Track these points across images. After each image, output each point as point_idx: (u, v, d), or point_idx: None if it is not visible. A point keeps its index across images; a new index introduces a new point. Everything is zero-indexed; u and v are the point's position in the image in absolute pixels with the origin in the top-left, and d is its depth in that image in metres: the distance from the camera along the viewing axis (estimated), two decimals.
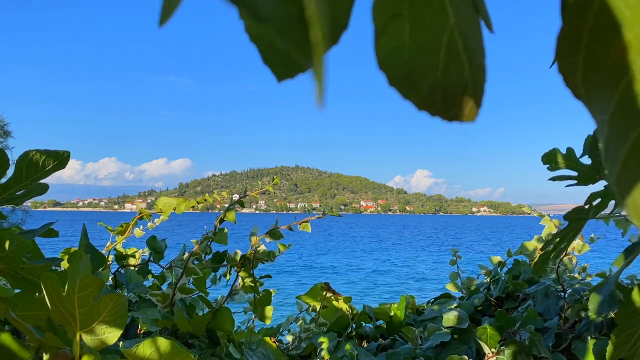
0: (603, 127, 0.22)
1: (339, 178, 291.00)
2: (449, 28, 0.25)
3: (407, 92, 0.26)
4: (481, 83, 0.27)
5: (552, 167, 0.91)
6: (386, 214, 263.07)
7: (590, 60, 0.22)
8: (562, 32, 0.23)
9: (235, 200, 1.26)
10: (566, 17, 0.23)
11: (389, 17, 0.25)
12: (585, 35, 0.22)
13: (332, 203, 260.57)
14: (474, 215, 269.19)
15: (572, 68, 0.23)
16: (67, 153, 0.74)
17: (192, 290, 1.19)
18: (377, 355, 1.42)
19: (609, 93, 0.21)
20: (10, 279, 0.69)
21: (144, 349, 0.62)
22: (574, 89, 0.23)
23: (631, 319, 0.74)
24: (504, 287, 1.58)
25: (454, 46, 0.26)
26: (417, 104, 0.27)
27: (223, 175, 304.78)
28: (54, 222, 0.77)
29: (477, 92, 0.27)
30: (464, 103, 0.27)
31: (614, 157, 0.21)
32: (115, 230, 1.29)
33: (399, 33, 0.25)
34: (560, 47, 0.23)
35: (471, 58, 0.26)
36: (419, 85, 0.26)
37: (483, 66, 0.27)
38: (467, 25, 0.26)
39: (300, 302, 1.57)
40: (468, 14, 0.26)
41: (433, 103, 0.27)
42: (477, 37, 0.27)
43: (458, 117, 0.27)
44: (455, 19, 0.25)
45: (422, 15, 0.25)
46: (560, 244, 0.84)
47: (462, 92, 0.27)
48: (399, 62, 0.26)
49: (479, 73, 0.27)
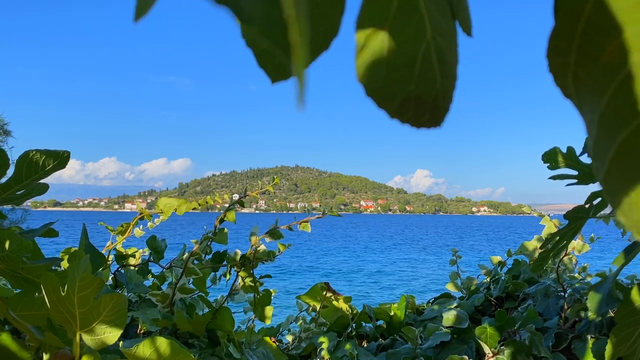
0: (592, 127, 0.22)
1: (339, 178, 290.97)
2: (425, 42, 0.27)
3: (382, 103, 0.28)
4: (450, 91, 0.29)
5: (553, 166, 0.91)
6: (386, 214, 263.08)
7: (582, 61, 0.22)
8: (555, 32, 0.23)
9: (235, 200, 1.26)
10: (559, 17, 0.23)
11: (371, 33, 0.26)
12: (578, 36, 0.22)
13: (332, 203, 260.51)
14: (474, 215, 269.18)
15: (563, 68, 0.23)
16: (67, 153, 0.74)
17: (192, 290, 1.19)
18: (377, 355, 1.42)
19: (599, 93, 0.22)
20: (10, 279, 0.69)
21: (144, 348, 0.62)
22: (564, 88, 0.24)
23: (630, 318, 0.74)
24: (504, 287, 1.58)
25: (428, 59, 0.27)
26: (390, 113, 0.28)
27: (223, 175, 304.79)
28: (54, 222, 0.77)
29: (445, 100, 0.29)
30: (433, 111, 0.28)
31: (602, 156, 0.22)
32: (115, 230, 1.29)
33: (379, 48, 0.26)
34: (552, 47, 0.23)
35: (444, 70, 0.28)
36: (393, 96, 0.28)
37: (454, 75, 0.29)
38: (443, 37, 0.27)
39: (300, 302, 1.57)
40: (444, 26, 0.27)
41: (405, 112, 0.28)
42: (452, 48, 0.28)
43: (425, 124, 0.29)
44: (432, 33, 0.27)
45: (402, 31, 0.26)
46: (560, 243, 0.84)
47: (433, 101, 0.28)
48: (377, 75, 0.27)
49: (449, 82, 0.28)
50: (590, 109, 0.22)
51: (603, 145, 0.22)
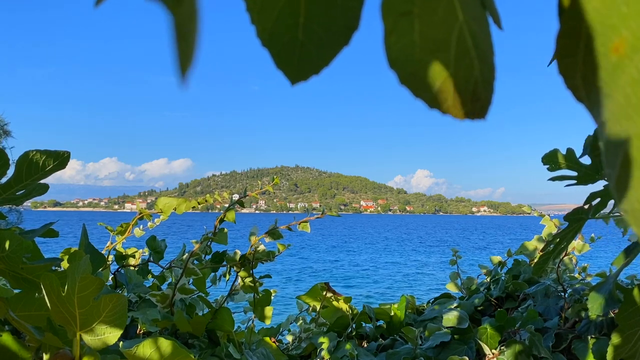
0: (603, 130, 0.21)
1: (339, 178, 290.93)
2: (458, 25, 0.25)
3: (418, 91, 0.26)
4: (491, 81, 0.27)
5: (552, 168, 0.91)
6: (386, 214, 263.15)
7: (590, 60, 0.21)
8: (561, 32, 0.22)
9: (235, 200, 1.26)
10: (564, 16, 0.22)
11: (398, 16, 0.25)
12: (584, 33, 0.21)
13: (332, 203, 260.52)
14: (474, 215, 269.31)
15: (572, 68, 0.23)
16: (67, 153, 0.74)
17: (192, 290, 1.19)
18: (377, 355, 1.42)
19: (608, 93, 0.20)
20: (10, 279, 0.69)
21: (144, 349, 0.62)
22: (575, 91, 0.23)
23: (632, 319, 0.74)
24: (504, 287, 1.58)
25: (463, 44, 0.26)
26: (428, 102, 0.26)
27: (223, 175, 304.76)
28: (54, 222, 0.77)
29: (487, 90, 0.27)
30: (474, 101, 0.27)
31: (612, 162, 0.21)
32: (115, 230, 1.29)
33: (408, 31, 0.25)
34: (560, 47, 0.23)
35: (481, 55, 0.26)
36: (429, 83, 0.26)
37: (492, 64, 0.27)
38: (476, 22, 0.26)
39: (300, 302, 1.57)
40: (476, 11, 0.26)
41: (444, 101, 0.26)
42: (486, 34, 0.27)
43: (468, 115, 0.27)
44: (464, 17, 0.25)
45: (431, 13, 0.25)
46: (560, 245, 0.84)
47: (473, 89, 0.26)
48: (409, 60, 0.26)
49: (488, 71, 0.27)
50: (600, 112, 0.21)
51: (614, 150, 0.20)
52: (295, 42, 0.26)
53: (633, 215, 0.20)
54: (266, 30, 0.26)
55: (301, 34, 0.26)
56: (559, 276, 1.42)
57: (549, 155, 0.90)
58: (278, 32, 0.26)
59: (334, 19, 0.26)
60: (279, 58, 0.27)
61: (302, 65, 0.27)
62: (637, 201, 0.19)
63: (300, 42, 0.26)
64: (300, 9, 0.26)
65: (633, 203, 0.20)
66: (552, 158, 0.90)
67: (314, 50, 0.27)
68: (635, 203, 0.19)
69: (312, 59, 0.27)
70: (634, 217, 0.20)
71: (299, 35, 0.26)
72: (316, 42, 0.26)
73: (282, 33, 0.26)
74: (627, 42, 0.19)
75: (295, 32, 0.26)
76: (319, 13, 0.26)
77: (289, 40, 0.26)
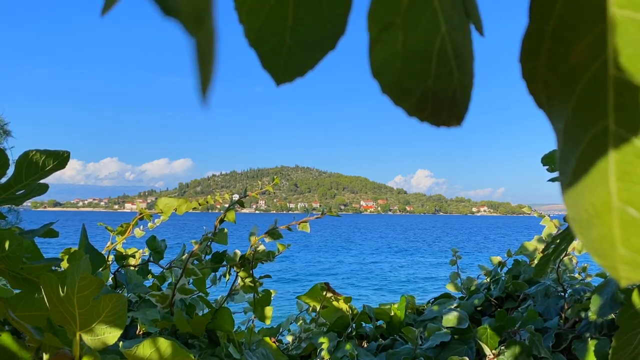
0: (559, 137, 0.21)
1: (339, 178, 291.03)
2: (440, 36, 0.26)
3: (399, 100, 0.27)
4: (468, 87, 0.28)
5: (552, 169, 0.91)
6: (386, 214, 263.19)
7: (551, 64, 0.21)
8: (527, 34, 0.22)
9: (235, 200, 1.26)
10: (531, 18, 0.22)
11: (383, 26, 0.25)
12: (548, 37, 0.21)
13: (332, 203, 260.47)
14: (474, 215, 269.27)
15: (534, 73, 0.22)
16: (67, 153, 0.73)
17: (191, 290, 1.19)
18: (377, 355, 1.42)
19: (566, 99, 0.20)
20: (10, 279, 0.69)
21: (144, 349, 0.62)
22: (536, 96, 0.23)
23: (633, 321, 0.74)
24: (504, 287, 1.58)
25: (444, 54, 0.26)
26: (408, 110, 0.27)
27: (223, 175, 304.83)
28: (54, 222, 0.77)
29: (464, 97, 0.28)
30: (452, 108, 0.27)
31: (566, 168, 0.20)
32: (115, 230, 1.29)
33: (392, 42, 0.26)
34: (523, 50, 0.22)
35: (460, 64, 0.27)
36: (410, 92, 0.27)
37: (471, 71, 0.28)
38: (458, 32, 0.26)
39: (300, 302, 1.57)
40: (459, 20, 0.26)
41: (423, 109, 0.27)
42: (467, 42, 0.27)
43: (446, 122, 0.28)
44: (447, 27, 0.26)
45: (415, 24, 0.25)
46: (560, 246, 0.84)
47: (451, 97, 0.27)
48: (391, 70, 0.26)
49: (467, 78, 0.27)
50: (559, 118, 0.21)
51: (567, 158, 0.20)
52: (283, 45, 0.27)
53: (579, 225, 0.19)
54: (254, 31, 0.27)
55: (288, 36, 0.27)
56: (559, 276, 1.41)
57: (549, 156, 0.90)
58: (266, 34, 0.27)
59: (321, 23, 0.26)
60: (265, 59, 0.27)
61: (288, 67, 0.27)
62: (585, 210, 0.19)
63: (287, 44, 0.27)
64: (289, 12, 0.26)
65: (581, 212, 0.19)
66: (552, 159, 0.90)
67: (301, 53, 0.27)
68: (582, 212, 0.19)
69: (298, 62, 0.27)
70: (580, 226, 0.19)
71: (286, 37, 0.27)
72: (303, 45, 0.27)
73: (270, 35, 0.27)
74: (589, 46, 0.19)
75: (282, 35, 0.27)
76: (306, 17, 0.26)
77: (277, 43, 0.27)
